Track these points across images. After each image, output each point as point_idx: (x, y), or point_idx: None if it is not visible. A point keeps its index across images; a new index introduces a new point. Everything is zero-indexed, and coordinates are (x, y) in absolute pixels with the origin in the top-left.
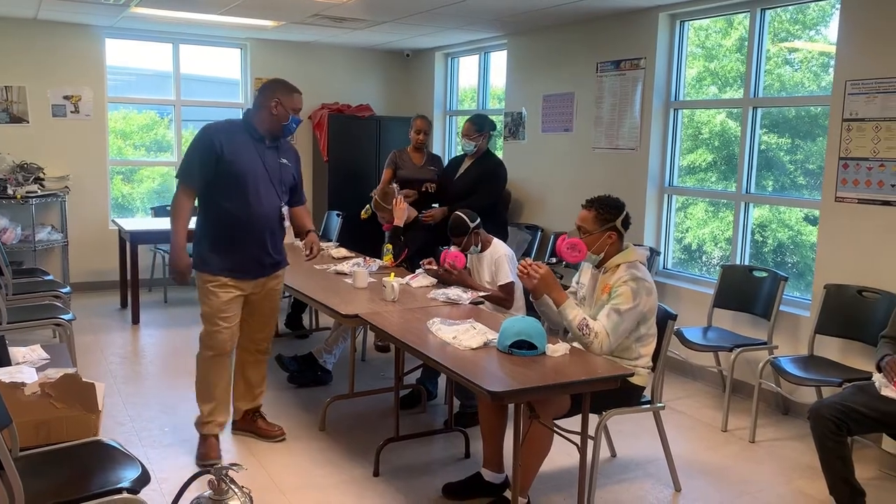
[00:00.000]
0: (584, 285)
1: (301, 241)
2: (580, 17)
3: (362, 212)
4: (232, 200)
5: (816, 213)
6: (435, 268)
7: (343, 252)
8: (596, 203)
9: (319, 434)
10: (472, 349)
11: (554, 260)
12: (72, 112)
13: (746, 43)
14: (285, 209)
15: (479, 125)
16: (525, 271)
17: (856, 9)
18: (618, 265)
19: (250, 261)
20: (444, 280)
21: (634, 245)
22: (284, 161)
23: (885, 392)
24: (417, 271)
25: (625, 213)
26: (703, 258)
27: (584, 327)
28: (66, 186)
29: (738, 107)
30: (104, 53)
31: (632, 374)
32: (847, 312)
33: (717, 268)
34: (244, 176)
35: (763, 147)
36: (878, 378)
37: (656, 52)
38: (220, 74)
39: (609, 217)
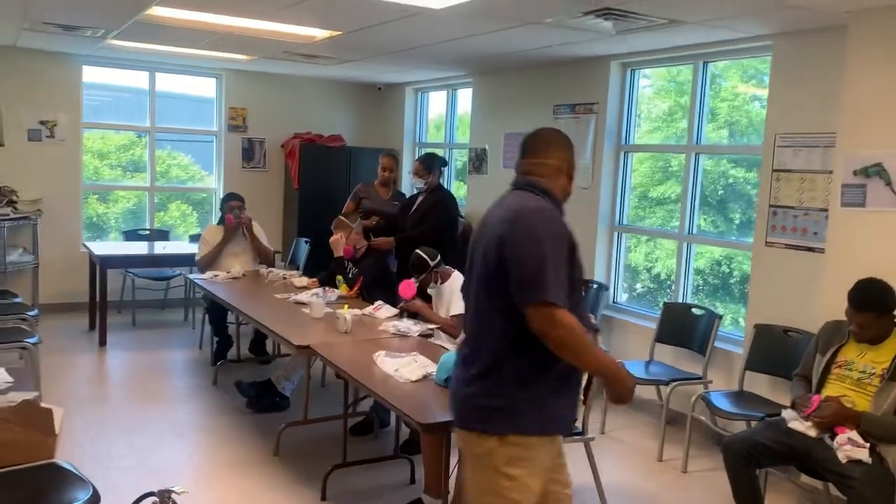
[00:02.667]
0: None
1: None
2: (539, 63)
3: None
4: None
5: None
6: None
7: (304, 281)
8: None
9: (273, 459)
10: (412, 382)
11: None
12: (47, 136)
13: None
14: None
15: (428, 165)
16: None
17: (783, 68)
18: None
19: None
20: (405, 310)
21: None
22: None
23: (792, 425)
24: (378, 302)
25: None
26: (672, 288)
27: None
28: (39, 209)
29: (681, 152)
30: (81, 80)
31: None
32: (774, 351)
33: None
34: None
35: (731, 181)
36: (787, 413)
37: (608, 98)
38: (196, 93)
39: None
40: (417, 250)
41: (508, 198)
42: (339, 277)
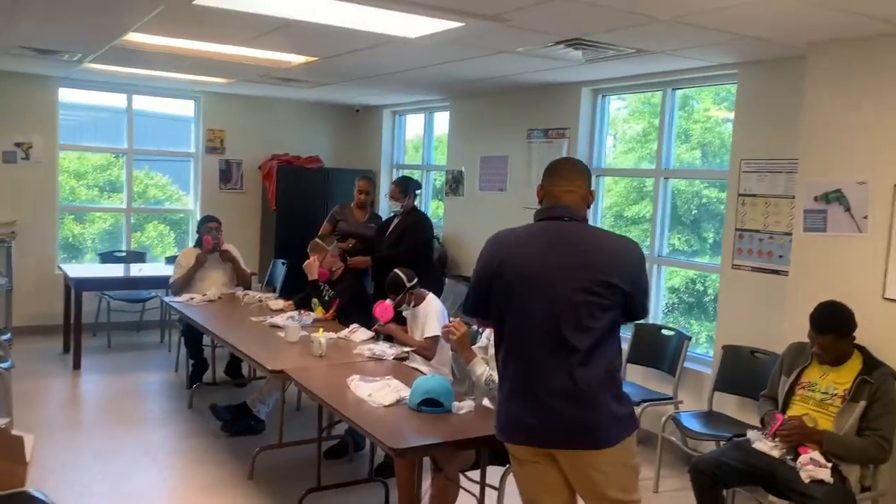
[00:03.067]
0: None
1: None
2: (513, 89)
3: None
4: None
5: None
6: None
7: (280, 304)
8: None
9: (247, 483)
10: (385, 406)
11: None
12: (22, 158)
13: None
14: None
15: (404, 188)
16: (447, 330)
17: (748, 96)
18: None
19: None
20: (379, 332)
21: None
22: None
23: (757, 445)
24: (353, 325)
25: None
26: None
27: (490, 381)
28: (13, 232)
29: (650, 176)
30: (57, 102)
31: None
32: (742, 371)
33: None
34: None
35: (705, 201)
36: (751, 433)
37: (579, 123)
38: (174, 112)
39: None
40: (396, 270)
41: (576, 228)
42: (315, 300)
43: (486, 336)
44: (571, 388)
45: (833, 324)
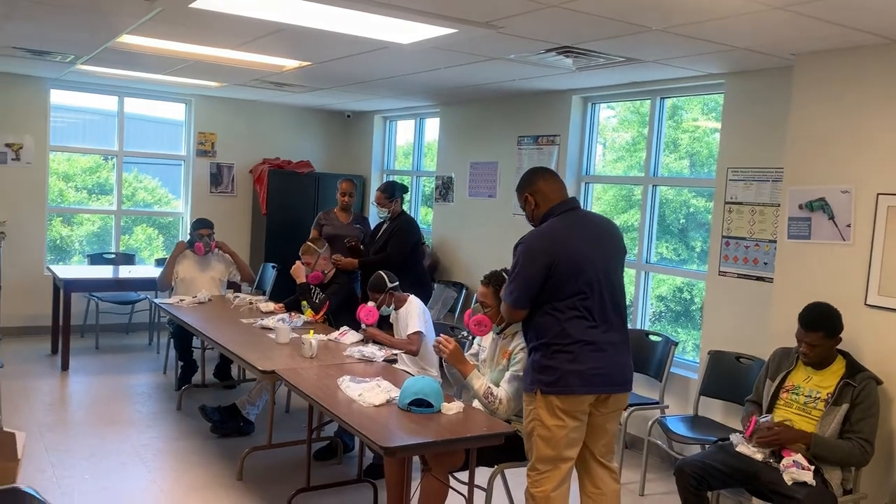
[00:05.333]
0: (486, 348)
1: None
2: (504, 95)
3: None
4: None
5: None
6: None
7: (271, 306)
8: (492, 279)
9: (237, 484)
10: (375, 406)
11: (465, 332)
12: (13, 159)
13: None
14: None
15: (389, 193)
16: (438, 346)
17: (734, 105)
18: (515, 332)
19: None
20: (366, 336)
21: None
22: None
23: (740, 449)
24: (343, 328)
25: None
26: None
27: (489, 395)
28: (2, 232)
29: (639, 184)
30: (48, 103)
31: (514, 432)
32: (727, 377)
33: None
34: None
35: (692, 210)
36: (735, 437)
37: (569, 131)
38: (165, 115)
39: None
40: (379, 271)
41: (591, 214)
42: (304, 303)
43: (477, 342)
44: (625, 341)
45: (822, 322)
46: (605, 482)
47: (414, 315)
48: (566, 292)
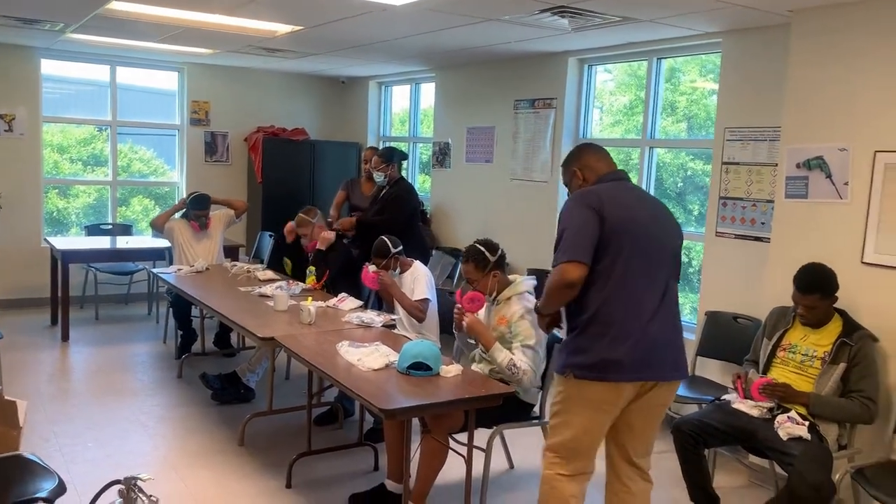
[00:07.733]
0: (481, 315)
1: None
2: (500, 58)
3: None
4: None
5: None
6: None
7: (269, 274)
8: (471, 255)
9: (238, 449)
10: (375, 370)
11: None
12: (6, 131)
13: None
14: None
15: (387, 158)
16: (458, 317)
17: (732, 65)
18: (509, 297)
19: None
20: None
21: (527, 274)
22: None
23: (736, 405)
24: (341, 294)
25: (499, 251)
26: None
27: (512, 367)
28: None
29: (636, 146)
30: (40, 73)
31: (512, 393)
32: (724, 337)
33: None
34: None
35: (690, 173)
36: (731, 395)
37: (566, 93)
38: (158, 86)
39: (485, 262)
40: (382, 236)
41: (642, 192)
42: (312, 269)
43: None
44: (676, 328)
45: (818, 283)
46: (632, 480)
47: (421, 281)
48: (610, 259)
